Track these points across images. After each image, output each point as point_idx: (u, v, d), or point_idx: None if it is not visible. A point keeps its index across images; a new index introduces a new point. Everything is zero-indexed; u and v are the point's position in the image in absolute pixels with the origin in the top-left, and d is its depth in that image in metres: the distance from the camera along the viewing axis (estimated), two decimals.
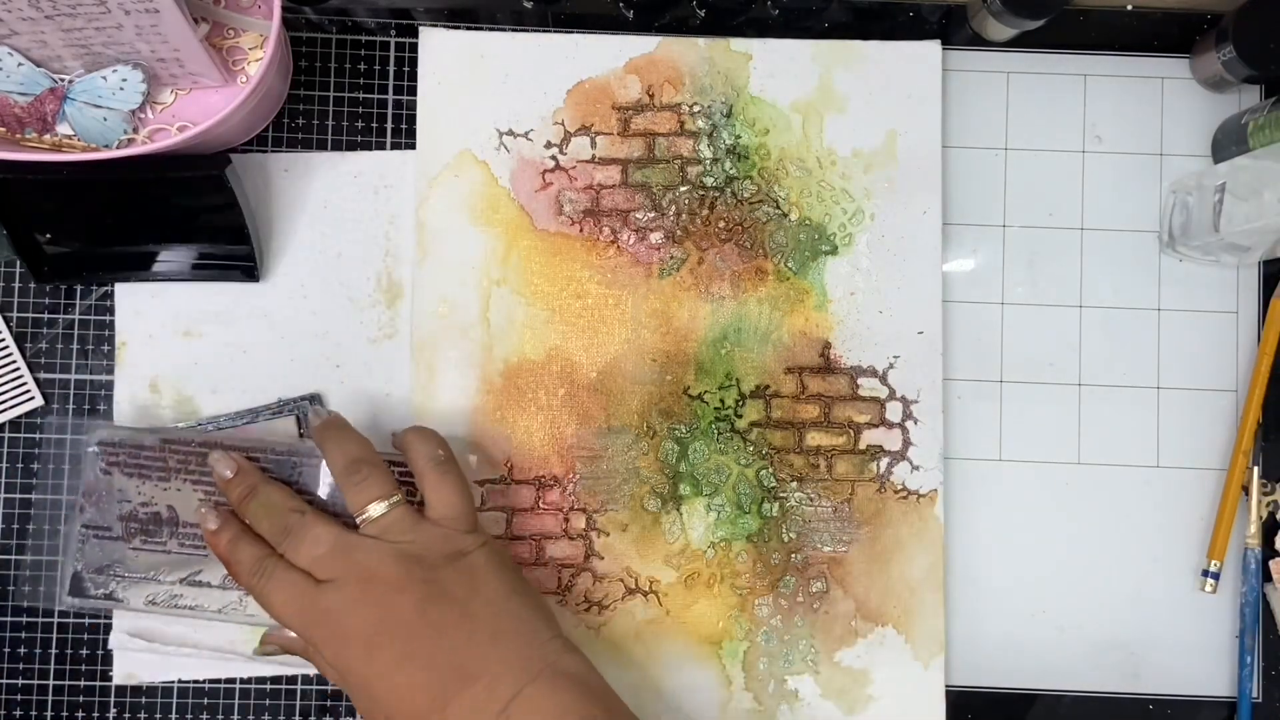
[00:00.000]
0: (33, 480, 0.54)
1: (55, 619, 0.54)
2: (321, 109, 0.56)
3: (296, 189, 0.55)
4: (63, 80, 0.51)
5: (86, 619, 0.54)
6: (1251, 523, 0.55)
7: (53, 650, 0.54)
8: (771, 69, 0.55)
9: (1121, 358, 0.56)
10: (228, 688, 0.53)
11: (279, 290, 0.55)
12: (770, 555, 0.54)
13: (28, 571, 0.54)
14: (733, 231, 0.55)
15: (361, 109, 0.56)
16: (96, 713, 0.53)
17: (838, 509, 0.54)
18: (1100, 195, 0.57)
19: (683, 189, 0.55)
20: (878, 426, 0.54)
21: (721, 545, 0.54)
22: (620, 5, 0.56)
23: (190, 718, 0.53)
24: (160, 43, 0.48)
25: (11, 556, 0.54)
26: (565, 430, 0.54)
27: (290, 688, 0.54)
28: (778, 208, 0.55)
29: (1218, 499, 0.55)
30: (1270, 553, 0.55)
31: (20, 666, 0.53)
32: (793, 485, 0.54)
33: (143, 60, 0.50)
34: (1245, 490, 0.55)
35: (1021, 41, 0.56)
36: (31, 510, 0.54)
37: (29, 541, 0.54)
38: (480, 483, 0.54)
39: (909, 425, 0.54)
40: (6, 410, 0.54)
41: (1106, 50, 0.57)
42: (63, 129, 0.51)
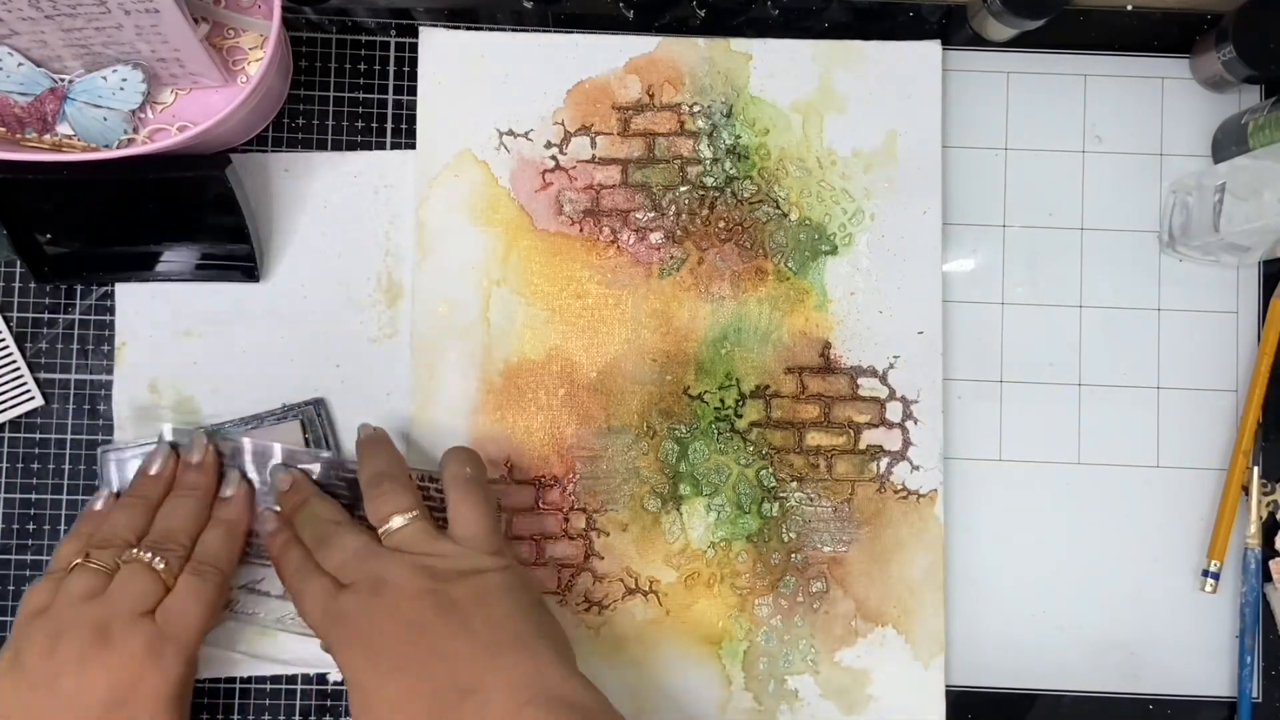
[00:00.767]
0: (33, 480, 0.54)
1: None
2: (321, 109, 0.56)
3: (296, 189, 0.55)
4: (63, 80, 0.51)
5: None
6: (1251, 523, 0.55)
7: None
8: (771, 69, 0.55)
9: (1121, 358, 0.56)
10: (228, 688, 0.53)
11: (279, 290, 0.55)
12: (770, 555, 0.54)
13: (28, 572, 0.54)
14: (733, 231, 0.55)
15: (361, 109, 0.56)
16: None
17: (838, 509, 0.54)
18: (1100, 195, 0.57)
19: (683, 189, 0.55)
20: (878, 426, 0.54)
21: (721, 545, 0.54)
22: (620, 5, 0.56)
23: (189, 717, 0.53)
24: (160, 43, 0.48)
25: (12, 556, 0.54)
26: (565, 430, 0.54)
27: (290, 688, 0.54)
28: (778, 208, 0.55)
29: (1218, 499, 0.55)
30: (1270, 553, 0.55)
31: None
32: (793, 485, 0.54)
33: (143, 60, 0.50)
34: (1245, 490, 0.55)
35: (1021, 41, 0.56)
36: (31, 510, 0.54)
37: (29, 542, 0.54)
38: None
39: (909, 425, 0.54)
40: (6, 410, 0.54)
41: (1106, 50, 0.57)
42: (63, 129, 0.51)
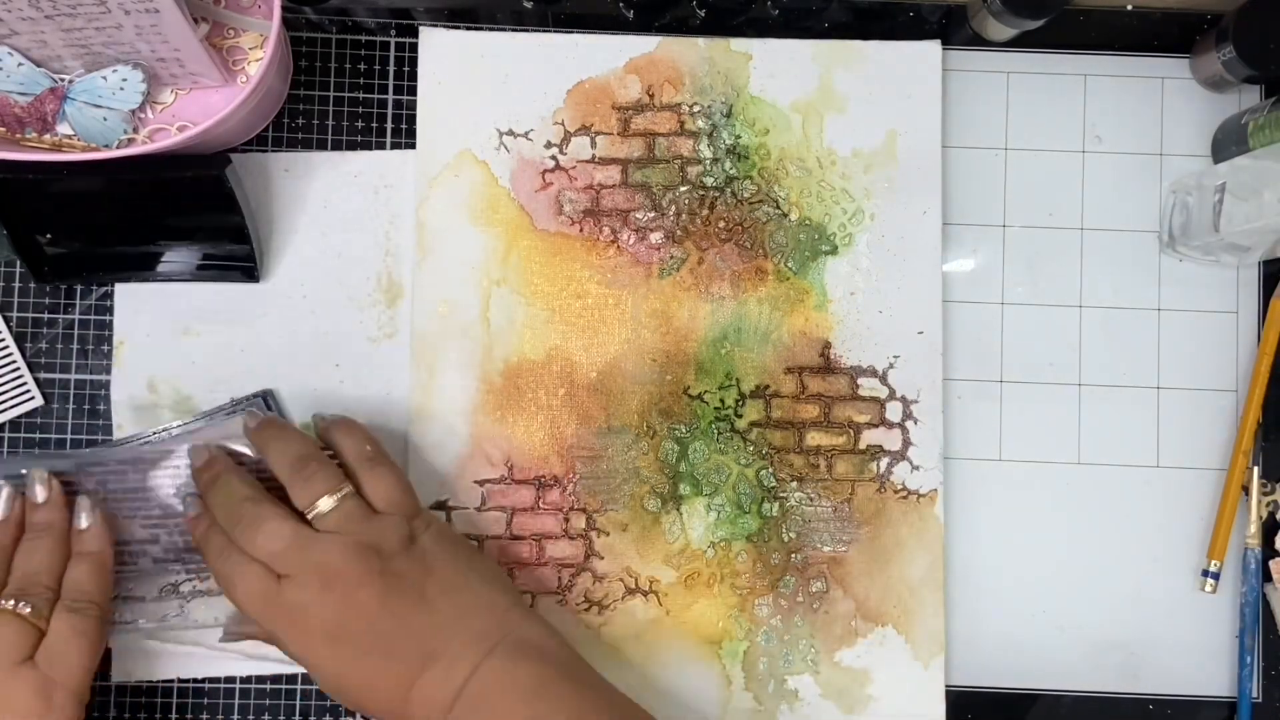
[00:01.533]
0: None
1: None
2: (321, 109, 0.56)
3: (296, 189, 0.55)
4: (63, 80, 0.51)
5: None
6: (1251, 523, 0.55)
7: None
8: (771, 69, 0.55)
9: (1121, 358, 0.56)
10: (227, 687, 0.53)
11: (279, 290, 0.55)
12: (770, 555, 0.54)
13: None
14: (733, 231, 0.55)
15: (361, 109, 0.56)
16: (96, 712, 0.53)
17: (838, 509, 0.54)
18: (1100, 195, 0.57)
19: (683, 189, 0.55)
20: (878, 426, 0.54)
21: (721, 545, 0.54)
22: (620, 5, 0.56)
23: (190, 717, 0.53)
24: (160, 43, 0.48)
25: None
26: (565, 430, 0.54)
27: (290, 688, 0.54)
28: (778, 208, 0.55)
29: (1218, 499, 0.55)
30: (1270, 553, 0.55)
31: None
32: (793, 485, 0.54)
33: (143, 60, 0.50)
34: (1245, 490, 0.55)
35: (1021, 41, 0.56)
36: None
37: None
38: (480, 482, 0.54)
39: (909, 425, 0.54)
40: (6, 410, 0.54)
41: (1106, 50, 0.57)
42: (63, 129, 0.51)
